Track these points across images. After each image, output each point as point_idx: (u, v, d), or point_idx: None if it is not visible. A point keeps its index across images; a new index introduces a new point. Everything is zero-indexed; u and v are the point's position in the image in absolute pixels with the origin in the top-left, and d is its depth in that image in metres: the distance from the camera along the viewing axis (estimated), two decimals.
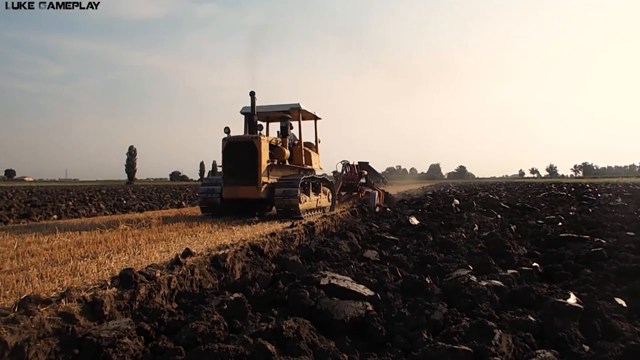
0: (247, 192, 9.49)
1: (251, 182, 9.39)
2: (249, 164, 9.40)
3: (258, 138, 9.46)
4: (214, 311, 3.35)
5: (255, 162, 9.36)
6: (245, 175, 9.44)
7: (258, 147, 9.36)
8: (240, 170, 9.49)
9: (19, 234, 7.16)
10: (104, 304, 3.36)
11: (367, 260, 5.55)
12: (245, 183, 9.44)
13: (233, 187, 9.56)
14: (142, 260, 4.81)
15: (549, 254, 5.59)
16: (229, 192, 9.63)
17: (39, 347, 2.73)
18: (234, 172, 9.54)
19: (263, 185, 9.40)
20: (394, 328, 3.17)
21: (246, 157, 9.42)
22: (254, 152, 9.36)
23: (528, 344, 2.87)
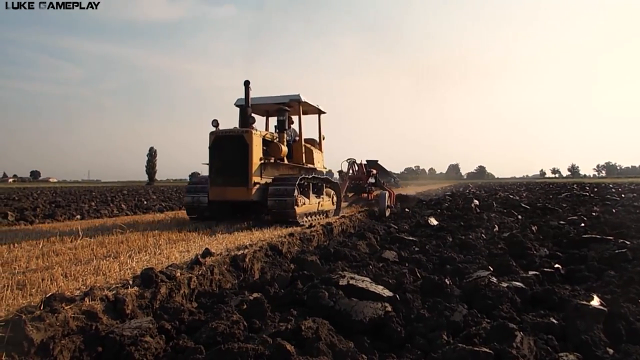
0: (236, 193, 8.37)
1: (241, 182, 8.28)
2: (239, 161, 8.34)
3: (249, 132, 8.36)
4: (234, 311, 3.38)
5: (246, 160, 8.28)
6: (234, 174, 8.36)
7: (249, 143, 8.30)
8: (229, 168, 8.40)
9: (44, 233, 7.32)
10: (125, 303, 3.42)
11: (385, 261, 5.54)
12: (234, 183, 8.34)
13: (220, 188, 8.44)
14: (163, 260, 4.87)
15: (572, 255, 5.49)
16: (216, 193, 8.49)
17: (63, 344, 2.79)
18: (222, 171, 8.42)
19: (254, 186, 8.31)
20: (413, 329, 3.15)
21: (235, 153, 8.37)
22: (244, 148, 8.29)
23: (550, 346, 2.83)
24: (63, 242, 6.18)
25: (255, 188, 8.32)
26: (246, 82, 8.76)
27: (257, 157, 8.45)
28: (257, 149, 8.46)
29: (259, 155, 8.53)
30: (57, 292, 3.30)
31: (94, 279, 3.97)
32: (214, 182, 8.49)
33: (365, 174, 14.61)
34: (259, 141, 8.63)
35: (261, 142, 8.72)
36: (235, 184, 8.32)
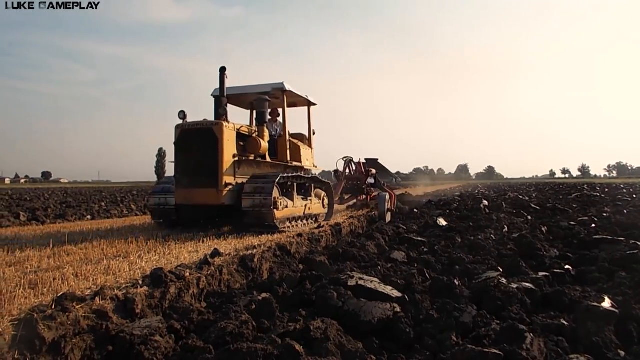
0: (204, 196, 7.22)
1: (209, 183, 7.17)
2: (207, 158, 7.23)
3: (219, 124, 7.25)
4: (243, 311, 3.39)
5: (215, 156, 7.17)
6: (201, 174, 7.25)
7: (219, 137, 7.18)
8: (196, 167, 7.30)
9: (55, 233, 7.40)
10: (135, 303, 3.44)
11: (394, 262, 5.53)
12: (201, 184, 7.22)
13: (186, 190, 7.32)
14: (172, 260, 4.90)
15: (582, 256, 5.44)
16: (182, 196, 7.38)
17: (74, 343, 2.82)
18: (188, 170, 7.32)
19: (226, 187, 7.20)
20: (422, 330, 3.14)
21: (203, 149, 7.26)
22: (214, 143, 7.18)
23: (561, 348, 2.80)
24: (74, 242, 6.24)
25: (227, 190, 7.23)
26: (221, 69, 7.72)
27: (229, 154, 7.33)
28: (229, 144, 7.34)
29: (231, 151, 7.42)
30: (68, 291, 3.34)
31: (105, 278, 4.01)
32: (179, 183, 7.41)
33: (364, 173, 13.27)
34: (232, 135, 7.48)
35: (235, 137, 7.56)
36: (203, 186, 7.21)
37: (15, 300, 3.24)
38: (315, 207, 9.25)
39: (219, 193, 7.15)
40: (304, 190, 9.04)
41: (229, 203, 7.30)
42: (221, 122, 7.29)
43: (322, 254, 6.09)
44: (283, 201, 7.66)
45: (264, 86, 8.94)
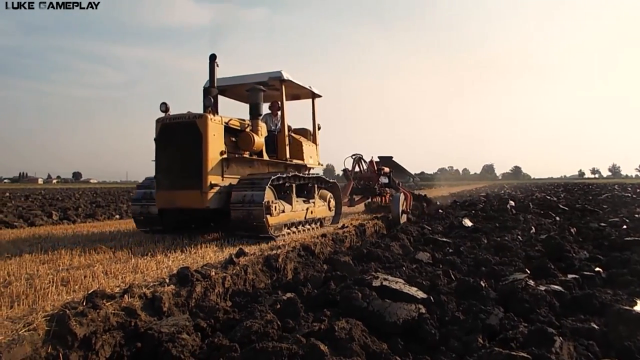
0: (187, 199, 6.36)
1: (192, 184, 6.30)
2: (190, 156, 6.37)
3: (203, 117, 6.36)
4: (268, 310, 3.41)
5: (199, 154, 6.30)
6: (183, 174, 6.40)
7: (203, 131, 6.31)
8: (178, 166, 6.43)
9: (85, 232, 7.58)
10: (163, 301, 3.50)
11: (419, 262, 5.49)
12: (184, 186, 6.35)
13: (168, 193, 6.45)
14: (198, 260, 4.97)
15: (613, 258, 5.31)
16: (164, 199, 6.53)
17: (104, 339, 2.89)
18: (170, 170, 6.47)
19: (212, 189, 6.31)
20: (447, 332, 3.11)
21: (186, 146, 6.43)
22: (197, 139, 6.32)
23: (591, 352, 2.74)
24: (103, 240, 6.38)
25: (213, 192, 6.34)
26: (211, 57, 7.01)
27: (215, 151, 6.45)
28: (215, 139, 6.46)
29: (218, 147, 6.52)
30: (98, 289, 3.42)
31: (133, 276, 4.09)
32: (160, 184, 6.53)
33: (376, 172, 11.88)
34: (219, 129, 6.59)
35: (222, 131, 6.67)
36: (186, 187, 6.35)
37: (49, 297, 3.34)
38: (319, 210, 8.33)
39: (204, 195, 6.27)
40: (306, 191, 8.13)
41: (216, 206, 6.39)
42: (206, 115, 6.38)
43: (346, 254, 6.09)
44: (279, 205, 6.74)
45: (260, 75, 7.99)
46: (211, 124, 6.41)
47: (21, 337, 2.53)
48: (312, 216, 8.02)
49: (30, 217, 11.30)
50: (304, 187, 8.09)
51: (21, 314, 2.91)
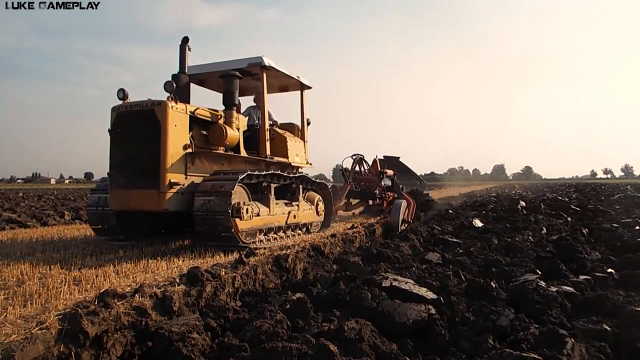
0: (142, 200, 5.47)
1: (148, 182, 5.43)
2: (146, 150, 5.50)
3: (162, 105, 5.44)
4: (277, 310, 3.42)
5: (156, 147, 5.42)
6: (138, 171, 5.51)
7: (162, 120, 5.42)
8: (133, 161, 5.55)
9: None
10: (173, 300, 3.53)
11: (429, 263, 5.47)
12: (139, 185, 5.48)
13: (122, 192, 5.57)
14: (208, 259, 5.00)
15: (626, 259, 5.25)
16: (117, 199, 5.65)
17: (116, 338, 2.92)
18: (124, 166, 5.60)
19: (171, 189, 5.40)
20: (457, 333, 3.10)
21: (142, 138, 5.55)
22: (155, 129, 5.43)
23: (603, 354, 2.71)
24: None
25: (173, 192, 5.43)
26: (184, 39, 6.25)
27: (176, 144, 5.58)
28: (177, 130, 5.58)
29: (181, 140, 5.64)
30: (109, 288, 3.45)
31: (144, 276, 4.12)
32: (114, 183, 5.66)
33: (378, 174, 10.83)
34: (182, 119, 5.69)
35: (187, 122, 5.77)
36: (141, 186, 5.47)
37: (61, 296, 3.38)
38: (304, 214, 7.39)
39: (161, 196, 5.36)
40: (290, 193, 7.29)
41: (176, 209, 5.48)
42: (165, 102, 5.46)
43: (355, 254, 6.09)
44: (252, 207, 5.81)
45: (239, 62, 7.18)
46: (172, 113, 5.50)
47: (34, 336, 2.56)
48: (296, 221, 7.05)
49: (43, 216, 11.45)
50: (288, 189, 7.25)
51: (34, 313, 2.94)
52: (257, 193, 6.36)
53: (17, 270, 4.27)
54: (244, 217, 5.55)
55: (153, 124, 5.45)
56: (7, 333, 2.56)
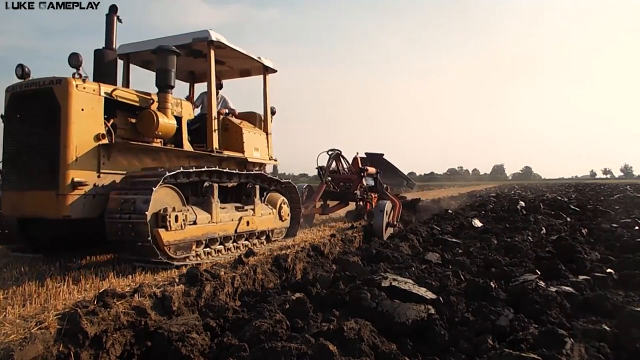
0: (37, 204, 4.39)
1: (43, 182, 4.38)
2: (42, 139, 4.46)
3: (64, 83, 4.37)
4: (277, 310, 3.42)
5: (55, 137, 4.36)
6: (33, 168, 4.47)
7: (63, 103, 4.35)
8: (28, 155, 4.51)
9: None
10: (172, 300, 3.52)
11: (428, 263, 5.48)
12: (33, 185, 4.42)
13: (14, 194, 4.57)
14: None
15: (625, 259, 5.25)
16: (9, 203, 4.63)
17: (115, 337, 2.92)
18: (17, 161, 4.59)
19: (75, 190, 4.35)
20: (457, 333, 3.10)
21: (39, 125, 4.48)
22: (54, 114, 4.37)
23: (602, 354, 2.72)
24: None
25: (78, 194, 4.38)
26: (111, 8, 5.23)
27: (84, 132, 4.47)
28: (84, 115, 4.46)
29: (91, 128, 4.53)
30: (109, 288, 3.45)
31: (143, 276, 4.12)
32: (6, 182, 4.67)
33: (357, 173, 9.50)
34: (93, 102, 4.57)
35: (101, 105, 4.67)
36: (36, 186, 4.41)
37: (60, 296, 3.38)
38: (262, 220, 6.10)
39: (60, 199, 4.29)
40: (245, 194, 6.13)
41: (82, 216, 4.42)
42: (68, 80, 4.39)
43: (355, 254, 6.09)
44: (187, 214, 4.69)
45: (182, 37, 5.96)
46: (77, 94, 4.40)
47: (33, 336, 2.56)
48: (250, 228, 5.78)
49: None
50: (240, 189, 6.09)
51: (33, 313, 2.94)
52: (201, 196, 5.28)
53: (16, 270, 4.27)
54: (172, 226, 4.43)
55: (51, 107, 4.37)
56: (6, 333, 2.56)
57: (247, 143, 6.67)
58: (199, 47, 6.10)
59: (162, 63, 5.26)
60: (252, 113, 7.44)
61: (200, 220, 4.91)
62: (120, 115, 5.04)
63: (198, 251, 4.98)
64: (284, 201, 6.67)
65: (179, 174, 4.73)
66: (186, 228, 4.68)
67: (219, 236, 5.28)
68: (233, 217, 5.49)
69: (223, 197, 5.56)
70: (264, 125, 7.36)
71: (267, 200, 6.36)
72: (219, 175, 5.35)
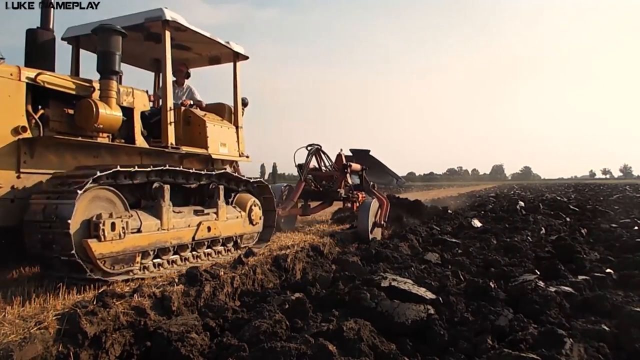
0: None
1: None
2: None
3: None
4: (276, 310, 3.42)
5: None
6: None
7: None
8: None
9: None
10: (172, 300, 3.52)
11: (428, 263, 5.48)
12: None
13: None
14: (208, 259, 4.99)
15: (625, 259, 5.26)
16: None
17: (114, 338, 2.92)
18: None
19: None
20: (456, 333, 3.10)
21: None
22: None
23: (602, 354, 2.72)
24: None
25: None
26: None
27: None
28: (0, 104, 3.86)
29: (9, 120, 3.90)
30: (108, 288, 3.45)
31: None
32: None
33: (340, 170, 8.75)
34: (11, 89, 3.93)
35: (22, 92, 4.01)
36: None
37: (59, 296, 3.37)
38: (228, 225, 5.36)
39: None
40: (208, 196, 5.31)
41: None
42: None
43: (354, 254, 6.08)
44: (127, 221, 4.04)
45: (134, 17, 5.23)
46: None
47: (32, 336, 2.56)
48: (212, 234, 5.09)
49: None
50: (202, 190, 5.26)
51: (32, 313, 2.94)
52: (148, 198, 4.57)
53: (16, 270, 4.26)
54: (107, 235, 3.80)
55: None
56: (5, 333, 2.55)
57: (212, 138, 5.85)
58: (156, 29, 5.33)
59: (103, 44, 4.57)
60: (220, 104, 6.59)
61: (146, 228, 4.25)
62: (54, 105, 4.35)
63: (145, 263, 4.31)
64: (255, 203, 5.92)
65: (119, 174, 4.09)
66: (126, 237, 4.01)
67: (172, 245, 4.59)
68: (190, 222, 4.80)
69: (184, 200, 5.05)
70: (234, 118, 6.52)
71: (235, 202, 5.65)
72: (172, 174, 4.68)
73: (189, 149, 5.42)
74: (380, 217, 8.03)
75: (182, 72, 6.31)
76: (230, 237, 5.50)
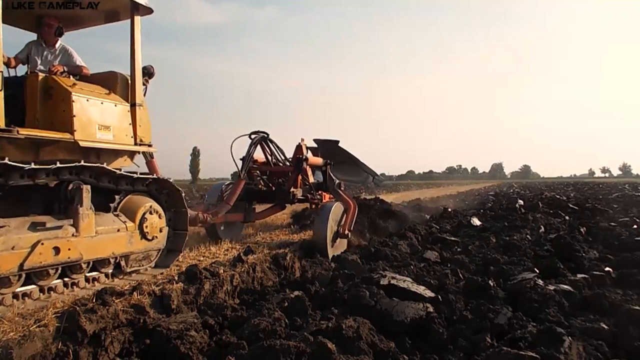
0: None
1: None
2: None
3: None
4: (275, 308, 3.43)
5: None
6: None
7: None
8: None
9: None
10: (171, 298, 3.53)
11: (427, 261, 5.48)
12: None
13: None
14: (207, 258, 4.99)
15: (624, 258, 5.26)
16: None
17: (114, 335, 2.91)
18: None
19: None
20: (455, 331, 3.10)
21: None
22: None
23: (601, 352, 2.72)
24: None
25: None
26: None
27: None
28: None
29: None
30: (108, 286, 3.45)
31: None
32: None
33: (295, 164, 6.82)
34: None
35: None
36: None
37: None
38: (97, 243, 3.77)
39: None
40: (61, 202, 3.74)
41: None
42: None
43: (354, 252, 6.08)
44: None
45: None
46: None
47: (32, 334, 2.57)
48: (62, 258, 3.42)
49: None
50: (56, 193, 3.74)
51: (32, 311, 2.94)
52: None
53: None
54: None
55: None
56: (5, 330, 2.56)
57: (82, 117, 3.98)
58: None
59: None
60: (111, 73, 4.71)
61: None
62: None
63: None
64: (152, 209, 4.36)
65: None
66: None
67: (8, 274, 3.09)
68: (18, 242, 3.15)
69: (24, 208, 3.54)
70: (131, 92, 4.64)
71: (121, 209, 4.18)
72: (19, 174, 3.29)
73: (38, 132, 3.63)
74: (345, 226, 6.52)
75: (52, 27, 4.62)
76: (106, 260, 3.91)
